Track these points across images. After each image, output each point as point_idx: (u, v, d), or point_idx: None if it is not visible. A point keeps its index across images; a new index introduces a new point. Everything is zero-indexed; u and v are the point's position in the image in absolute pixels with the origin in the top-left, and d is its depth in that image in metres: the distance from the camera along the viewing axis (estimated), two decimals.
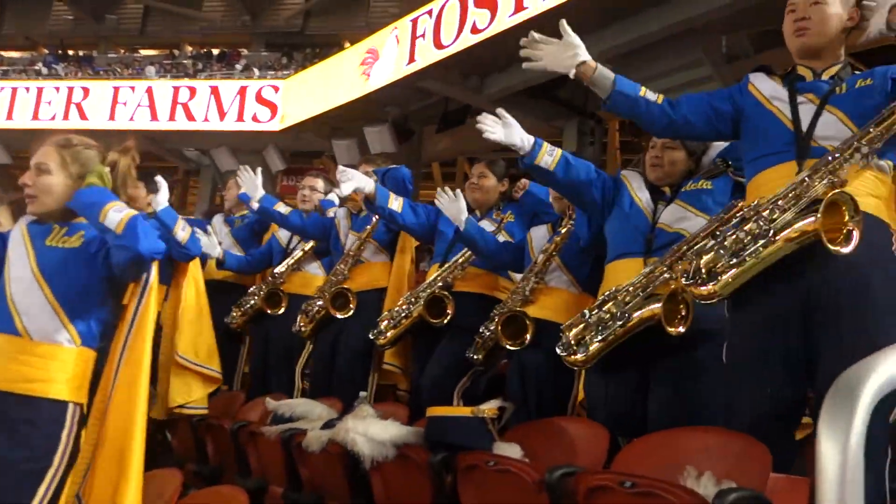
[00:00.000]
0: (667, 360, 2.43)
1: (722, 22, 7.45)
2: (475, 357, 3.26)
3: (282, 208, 4.25)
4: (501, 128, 2.65)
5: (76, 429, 2.13)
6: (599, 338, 2.40)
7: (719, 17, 7.20)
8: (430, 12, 10.04)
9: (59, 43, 18.70)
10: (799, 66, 2.16)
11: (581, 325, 2.46)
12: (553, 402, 2.98)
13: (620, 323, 2.38)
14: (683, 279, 2.07)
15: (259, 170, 4.36)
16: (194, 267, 3.55)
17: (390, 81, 10.66)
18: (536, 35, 2.35)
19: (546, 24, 2.57)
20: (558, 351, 2.49)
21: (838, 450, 0.96)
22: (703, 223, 2.41)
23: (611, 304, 2.42)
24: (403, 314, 3.49)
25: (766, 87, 2.18)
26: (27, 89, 13.59)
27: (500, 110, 2.71)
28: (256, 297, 4.34)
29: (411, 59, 10.28)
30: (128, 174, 2.36)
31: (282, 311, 4.27)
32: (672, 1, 7.31)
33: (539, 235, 3.26)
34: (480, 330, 3.25)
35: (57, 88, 13.45)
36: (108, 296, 2.23)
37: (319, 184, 4.71)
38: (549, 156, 2.64)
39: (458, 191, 3.39)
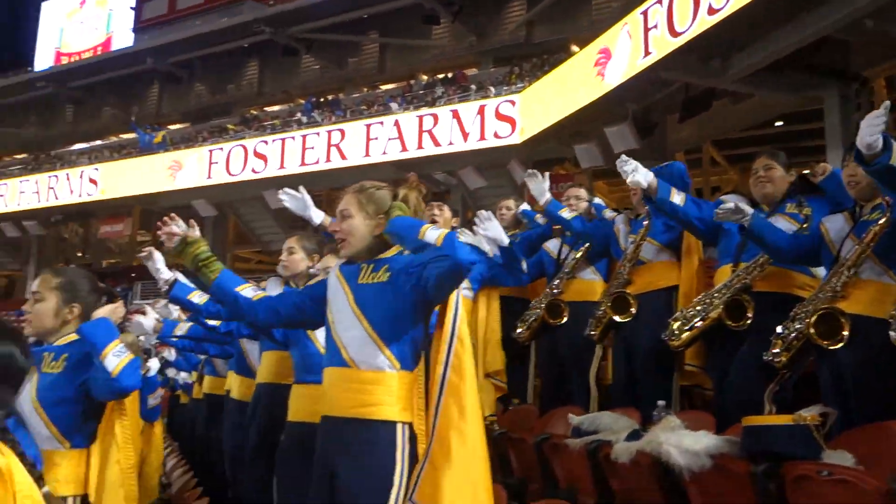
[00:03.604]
0: None
1: None
2: (778, 360, 3.10)
3: (566, 213, 4.35)
4: None
5: (408, 447, 2.33)
6: None
7: None
8: (660, 1, 9.76)
9: (310, 92, 20.61)
10: None
11: None
12: (876, 403, 2.75)
13: None
14: None
15: (546, 174, 4.46)
16: None
17: (627, 77, 10.49)
18: None
19: None
20: None
21: None
22: None
23: None
24: (698, 316, 3.39)
25: None
26: (293, 138, 15.12)
27: None
28: (539, 310, 4.47)
29: (646, 52, 10.05)
30: (418, 205, 2.56)
31: (563, 321, 4.35)
32: None
33: (836, 226, 3.02)
34: (779, 331, 3.07)
35: (317, 134, 14.83)
36: (419, 320, 2.43)
37: (583, 192, 4.77)
38: None
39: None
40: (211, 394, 5.27)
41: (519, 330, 4.58)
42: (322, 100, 19.92)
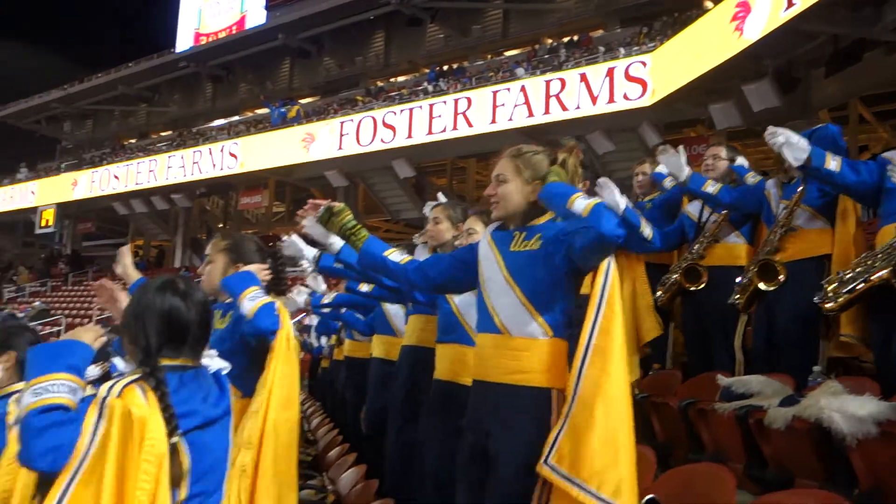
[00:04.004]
0: None
1: None
2: None
3: (710, 188, 4.20)
4: None
5: (558, 414, 2.34)
6: None
7: None
8: None
9: (435, 61, 20.75)
10: None
11: None
12: None
13: None
14: None
15: (681, 147, 4.33)
16: None
17: (768, 32, 9.94)
18: None
19: None
20: None
21: None
22: None
23: None
24: (859, 279, 3.19)
25: None
26: (420, 108, 15.29)
27: None
28: (677, 275, 4.37)
29: (790, 3, 9.47)
30: (575, 171, 2.53)
31: (702, 285, 4.24)
32: None
33: None
34: None
35: (444, 102, 14.93)
36: (571, 288, 2.43)
37: (723, 151, 4.58)
38: None
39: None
40: (351, 356, 5.51)
41: (658, 294, 4.51)
42: (446, 68, 20.02)
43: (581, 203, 2.22)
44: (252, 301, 2.64)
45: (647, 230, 3.69)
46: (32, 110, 31.01)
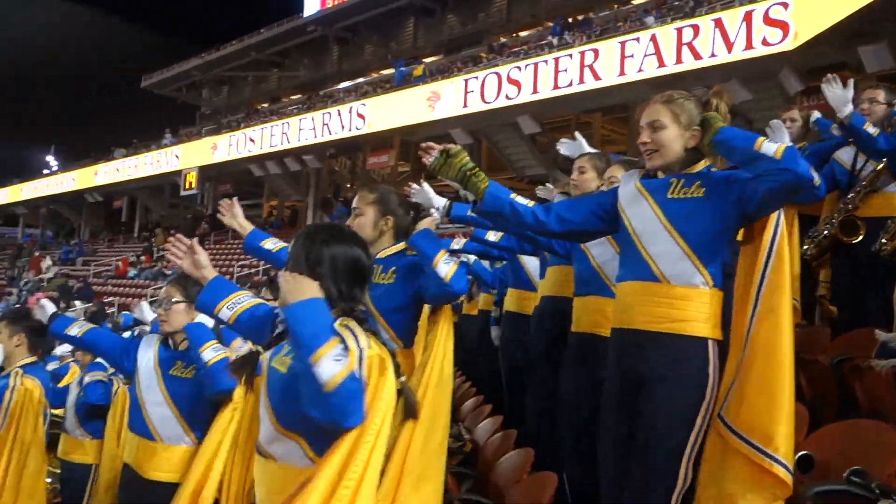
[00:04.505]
0: None
1: None
2: None
3: (871, 129, 3.94)
4: None
5: (718, 363, 2.30)
6: None
7: None
8: None
9: (558, 14, 20.28)
10: None
11: None
12: None
13: None
14: None
15: (851, 81, 4.04)
16: None
17: None
18: None
19: None
20: None
21: None
22: None
23: None
24: None
25: None
26: (545, 62, 15.04)
27: None
28: (830, 227, 4.13)
29: None
30: (725, 116, 2.44)
31: (860, 238, 4.00)
32: None
33: None
34: None
35: (570, 56, 14.61)
36: (733, 237, 2.36)
37: (881, 94, 4.28)
38: None
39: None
40: (484, 310, 5.60)
41: (805, 247, 4.29)
42: (571, 20, 19.56)
43: (770, 146, 2.16)
44: (447, 265, 2.71)
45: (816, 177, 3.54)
46: (173, 79, 32.81)
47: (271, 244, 3.20)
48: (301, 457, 1.82)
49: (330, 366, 1.64)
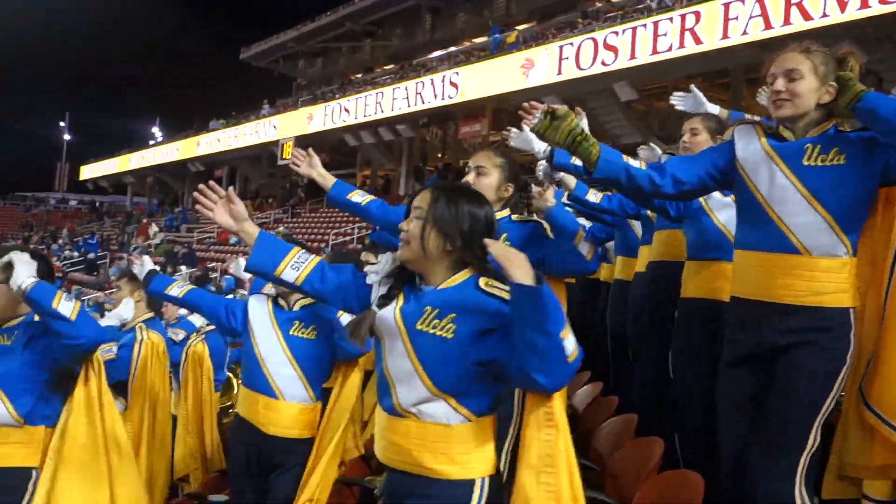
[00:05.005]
0: None
1: None
2: None
3: None
4: None
5: (857, 329, 2.23)
6: None
7: None
8: None
9: None
10: None
11: None
12: None
13: None
14: None
15: None
16: None
17: None
18: None
19: None
20: None
21: None
22: None
23: None
24: None
25: None
26: (644, 27, 14.63)
27: None
28: None
29: None
30: (858, 76, 2.34)
31: None
32: None
33: None
34: None
35: (670, 19, 14.16)
36: (873, 203, 2.29)
37: None
38: None
39: None
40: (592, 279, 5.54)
41: None
42: None
43: None
44: (587, 242, 2.84)
45: None
46: (270, 51, 33.55)
47: (359, 196, 3.09)
48: (446, 414, 1.89)
49: (572, 340, 1.76)
